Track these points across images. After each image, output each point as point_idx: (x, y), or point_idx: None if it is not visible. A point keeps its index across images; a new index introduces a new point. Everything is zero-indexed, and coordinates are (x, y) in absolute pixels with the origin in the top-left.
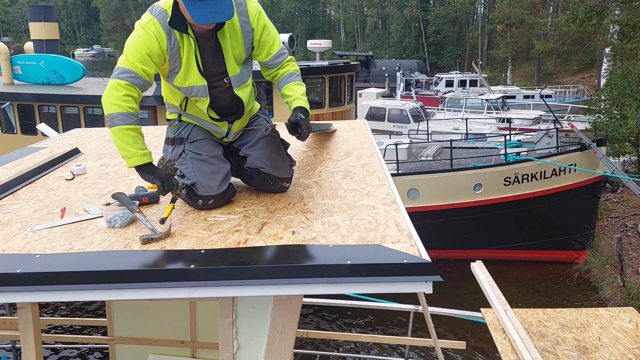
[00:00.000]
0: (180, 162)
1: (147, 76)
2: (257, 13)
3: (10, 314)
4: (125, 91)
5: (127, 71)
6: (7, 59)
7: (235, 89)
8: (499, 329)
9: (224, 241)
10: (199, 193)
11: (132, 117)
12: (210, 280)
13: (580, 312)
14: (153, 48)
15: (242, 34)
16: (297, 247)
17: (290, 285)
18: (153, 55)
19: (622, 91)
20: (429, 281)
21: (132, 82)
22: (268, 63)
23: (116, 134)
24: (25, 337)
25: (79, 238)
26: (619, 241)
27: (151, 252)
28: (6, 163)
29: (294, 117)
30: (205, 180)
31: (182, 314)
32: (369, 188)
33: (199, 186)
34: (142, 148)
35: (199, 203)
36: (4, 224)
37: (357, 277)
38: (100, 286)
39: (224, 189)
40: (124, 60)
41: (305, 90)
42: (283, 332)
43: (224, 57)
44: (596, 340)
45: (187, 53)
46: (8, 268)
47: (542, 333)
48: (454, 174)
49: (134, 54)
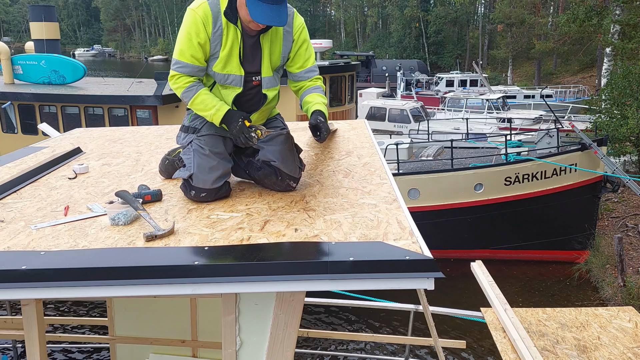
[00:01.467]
0: (184, 152)
1: (197, 61)
2: (301, 27)
3: (12, 313)
4: (180, 80)
5: (177, 62)
6: (8, 58)
7: (263, 89)
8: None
9: (227, 238)
10: (193, 184)
11: (193, 88)
12: (214, 277)
13: (580, 312)
14: (200, 34)
15: (283, 42)
16: (300, 244)
17: (293, 281)
18: (201, 40)
19: (623, 91)
20: (431, 277)
21: (183, 72)
22: (298, 75)
23: (194, 107)
24: (29, 334)
25: (82, 235)
26: (620, 241)
27: (155, 249)
28: (8, 162)
29: (314, 120)
30: (202, 174)
31: (183, 313)
32: (370, 187)
33: (195, 178)
34: (214, 105)
35: (192, 194)
36: (7, 221)
37: (359, 273)
38: (104, 283)
39: (217, 185)
40: (176, 50)
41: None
42: (285, 330)
43: (261, 57)
44: (596, 339)
45: (232, 42)
46: (13, 264)
47: (542, 332)
48: (454, 173)
49: (184, 42)
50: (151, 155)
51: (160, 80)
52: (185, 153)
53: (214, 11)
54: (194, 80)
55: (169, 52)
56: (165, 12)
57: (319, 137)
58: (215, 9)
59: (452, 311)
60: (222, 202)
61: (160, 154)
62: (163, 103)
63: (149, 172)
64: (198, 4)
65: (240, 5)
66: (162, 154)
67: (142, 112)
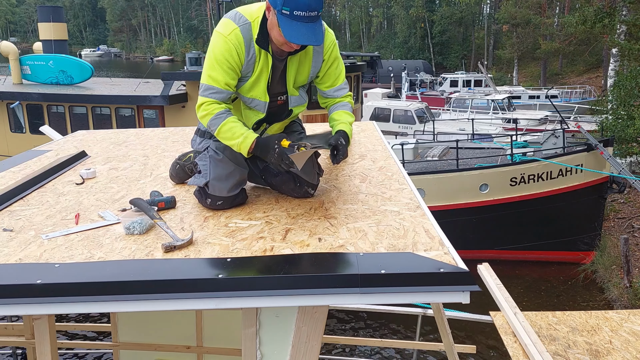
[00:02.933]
0: (200, 158)
1: (229, 88)
2: (333, 45)
3: (11, 320)
4: (210, 107)
5: (210, 88)
6: (17, 59)
7: (290, 107)
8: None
9: (249, 249)
10: (209, 192)
11: (222, 116)
12: (240, 290)
13: (590, 315)
14: (234, 60)
15: (313, 62)
16: (328, 255)
17: (322, 295)
18: (234, 67)
19: (630, 92)
20: (467, 291)
21: (216, 99)
22: (328, 93)
23: (222, 134)
24: (41, 347)
25: (97, 246)
26: (626, 242)
27: (176, 261)
28: (12, 167)
29: (335, 140)
30: (218, 181)
31: (187, 319)
32: (389, 192)
33: (211, 186)
34: (242, 133)
35: (207, 202)
36: (17, 231)
37: (391, 287)
38: (124, 297)
39: (234, 193)
40: (206, 76)
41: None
42: (308, 342)
43: (287, 78)
44: (607, 343)
45: (261, 68)
46: (27, 279)
47: (553, 336)
48: (459, 174)
49: (215, 68)
50: (159, 159)
51: (167, 81)
52: (201, 159)
53: (247, 38)
54: (224, 107)
55: (175, 52)
56: (171, 12)
57: (335, 159)
58: (247, 36)
59: (461, 314)
60: (239, 210)
61: (168, 158)
62: (170, 103)
63: (158, 177)
64: (230, 30)
65: (271, 27)
66: (170, 158)
67: (149, 112)
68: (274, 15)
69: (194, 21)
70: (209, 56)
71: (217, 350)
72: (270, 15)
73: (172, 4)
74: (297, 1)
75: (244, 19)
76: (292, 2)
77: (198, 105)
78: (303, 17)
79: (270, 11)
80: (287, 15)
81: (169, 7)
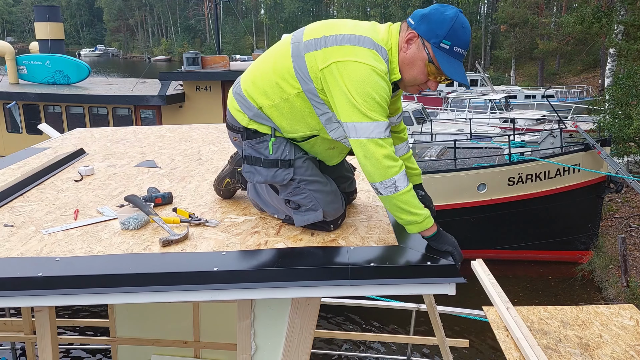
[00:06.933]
0: (293, 193)
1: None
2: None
3: (10, 315)
4: (391, 148)
5: (384, 124)
6: (13, 58)
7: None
8: (501, 327)
9: (244, 243)
10: (329, 220)
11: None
12: (234, 283)
13: (581, 310)
14: (388, 94)
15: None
16: (320, 249)
17: (314, 287)
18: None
19: (628, 91)
20: (452, 283)
21: (390, 136)
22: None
23: (402, 199)
24: (42, 339)
25: (96, 240)
26: (623, 241)
27: (173, 255)
28: (11, 164)
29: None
30: (330, 205)
31: (185, 314)
32: None
33: (327, 214)
34: (423, 208)
35: (331, 228)
36: (18, 226)
37: (381, 278)
38: (122, 290)
39: (343, 200)
40: (374, 113)
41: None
42: (301, 334)
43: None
44: (598, 337)
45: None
46: (29, 272)
47: (544, 330)
48: (457, 174)
49: (382, 105)
50: (155, 156)
51: (164, 81)
52: (295, 194)
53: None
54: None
55: (172, 52)
56: (169, 12)
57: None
58: (385, 69)
59: (455, 310)
60: (234, 205)
61: (165, 155)
62: (167, 103)
63: (155, 174)
64: (383, 67)
65: (412, 62)
66: (166, 154)
67: (146, 112)
68: (421, 49)
69: (192, 21)
70: (368, 92)
71: (214, 344)
72: (412, 49)
73: (170, 4)
74: (460, 37)
75: (385, 52)
76: (455, 37)
77: (374, 150)
78: (459, 54)
79: (414, 43)
80: (446, 51)
81: (167, 6)
